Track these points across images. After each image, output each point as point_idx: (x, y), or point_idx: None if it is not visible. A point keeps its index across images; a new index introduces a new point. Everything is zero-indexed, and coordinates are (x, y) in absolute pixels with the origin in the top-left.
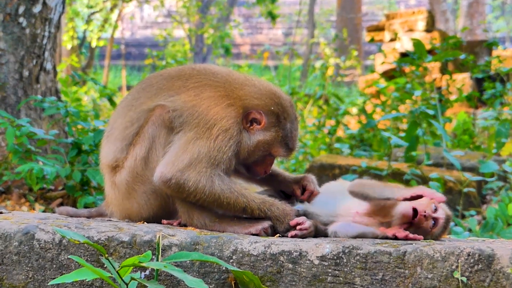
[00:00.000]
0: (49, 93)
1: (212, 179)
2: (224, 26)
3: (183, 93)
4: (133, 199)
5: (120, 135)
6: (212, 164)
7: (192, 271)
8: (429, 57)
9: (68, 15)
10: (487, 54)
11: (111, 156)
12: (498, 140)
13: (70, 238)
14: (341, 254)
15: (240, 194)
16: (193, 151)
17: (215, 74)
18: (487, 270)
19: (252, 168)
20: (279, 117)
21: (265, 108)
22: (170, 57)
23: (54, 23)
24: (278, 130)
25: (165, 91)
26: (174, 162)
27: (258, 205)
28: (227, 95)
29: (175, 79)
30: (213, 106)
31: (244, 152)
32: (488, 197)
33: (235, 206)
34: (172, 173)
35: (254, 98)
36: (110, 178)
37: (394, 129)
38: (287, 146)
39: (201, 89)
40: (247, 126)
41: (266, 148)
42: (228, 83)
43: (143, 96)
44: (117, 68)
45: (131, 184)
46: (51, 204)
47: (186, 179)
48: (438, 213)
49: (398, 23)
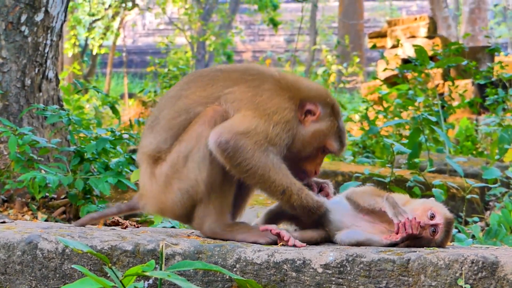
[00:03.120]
0: (51, 101)
1: (267, 153)
2: (226, 33)
3: (242, 84)
4: (168, 194)
5: (167, 125)
6: (270, 141)
7: (196, 280)
8: (431, 63)
9: (69, 22)
10: (489, 60)
11: (154, 146)
12: (501, 146)
13: (73, 248)
14: (345, 262)
15: (285, 174)
16: (251, 122)
17: (269, 70)
18: (491, 277)
19: (302, 167)
20: (333, 109)
21: (321, 99)
22: (172, 64)
23: (56, 31)
24: (334, 120)
25: (221, 81)
26: (232, 126)
27: (297, 190)
28: (287, 88)
29: (230, 71)
30: (275, 96)
31: (298, 144)
32: (491, 203)
33: (277, 186)
34: (230, 135)
35: (310, 90)
36: (149, 168)
37: (397, 135)
38: (341, 140)
39: (261, 81)
40: (302, 117)
41: (322, 139)
42: (285, 79)
43: (193, 86)
44: (119, 75)
45: (170, 178)
46: (54, 213)
47: (244, 144)
48: (436, 219)
49: (400, 30)
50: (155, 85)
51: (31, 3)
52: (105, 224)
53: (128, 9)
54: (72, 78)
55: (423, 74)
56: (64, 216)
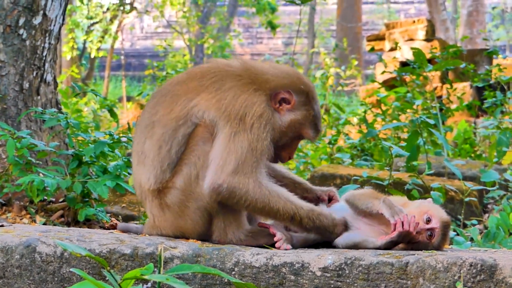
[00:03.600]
0: (49, 104)
1: (259, 180)
2: (224, 36)
3: (202, 92)
4: (186, 217)
5: (157, 156)
6: (256, 160)
7: (194, 284)
8: (429, 66)
9: (68, 26)
10: (487, 63)
11: (153, 180)
12: (499, 149)
13: (71, 251)
14: (343, 265)
15: (287, 200)
16: (236, 149)
17: (230, 65)
18: (490, 280)
19: (277, 153)
20: (308, 96)
21: (294, 87)
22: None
23: (54, 34)
24: (309, 109)
25: (182, 96)
26: (223, 166)
27: (306, 213)
28: (250, 81)
29: (188, 81)
30: (239, 94)
31: (276, 134)
32: (490, 206)
33: (284, 214)
34: (222, 178)
35: (282, 78)
36: (156, 201)
37: (395, 138)
38: (316, 127)
39: (220, 82)
40: (276, 106)
41: (298, 128)
42: (249, 70)
43: (160, 109)
44: (117, 78)
45: (185, 202)
46: (52, 216)
47: (237, 183)
48: (432, 223)
49: (398, 32)
50: (153, 88)
51: (29, 6)
52: (103, 228)
53: (126, 12)
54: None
55: (421, 77)
56: (62, 220)
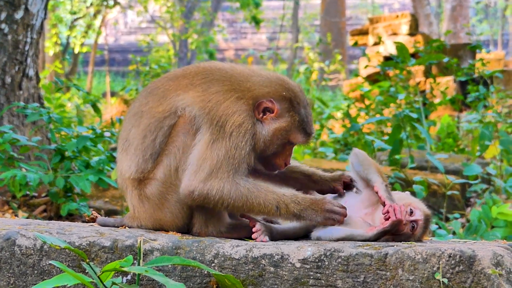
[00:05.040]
0: (31, 99)
1: (236, 181)
2: (208, 31)
3: (191, 90)
4: (166, 209)
5: (141, 145)
6: (233, 166)
7: (174, 276)
8: (412, 60)
9: (51, 21)
10: (470, 57)
11: (135, 168)
12: (482, 143)
13: (51, 244)
14: (323, 257)
15: (268, 191)
16: (212, 156)
17: (221, 69)
18: (468, 271)
19: (271, 162)
20: (292, 102)
21: (276, 94)
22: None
23: (36, 29)
24: (294, 114)
25: (172, 92)
26: (196, 172)
27: (290, 198)
28: (234, 88)
29: (180, 78)
30: (222, 101)
31: (260, 144)
32: (472, 199)
33: (266, 205)
34: (194, 185)
35: (264, 87)
36: (136, 191)
37: (378, 132)
38: (305, 131)
39: (208, 84)
40: (260, 116)
41: (284, 135)
42: (234, 77)
43: (151, 101)
44: (101, 74)
45: (165, 194)
46: (35, 211)
47: (209, 188)
48: (415, 215)
49: (382, 27)
50: (137, 83)
51: (11, 1)
52: (83, 221)
53: (110, 7)
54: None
55: (405, 71)
56: (45, 215)
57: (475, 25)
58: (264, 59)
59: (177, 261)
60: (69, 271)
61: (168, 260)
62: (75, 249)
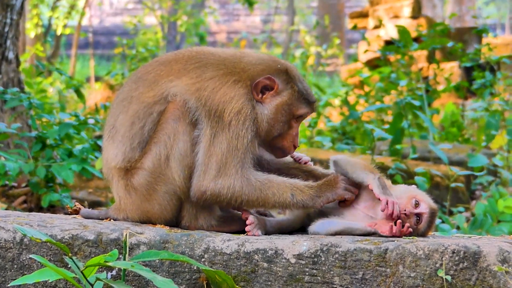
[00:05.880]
0: (11, 84)
1: (246, 176)
2: (199, 12)
3: (184, 76)
4: (154, 201)
5: (128, 132)
6: (239, 159)
7: (162, 271)
8: (415, 45)
9: (32, 1)
10: (476, 42)
11: (121, 157)
12: (488, 132)
13: (31, 237)
14: (319, 252)
15: (279, 182)
16: (216, 152)
17: (214, 53)
18: (473, 268)
19: (279, 146)
20: (288, 74)
21: (272, 70)
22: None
23: (16, 9)
24: (293, 85)
25: (164, 77)
26: (205, 172)
27: (303, 183)
28: (230, 72)
29: (173, 63)
30: (219, 86)
31: (264, 125)
32: (478, 192)
33: (281, 194)
34: (205, 185)
35: (257, 65)
36: (122, 181)
37: (379, 121)
38: (307, 100)
39: (203, 69)
40: (259, 97)
41: (287, 110)
42: (227, 60)
43: (141, 86)
44: (84, 57)
45: (153, 184)
46: (14, 202)
47: (220, 187)
48: (420, 208)
49: (383, 9)
50: (123, 67)
51: None
52: (65, 213)
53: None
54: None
55: (407, 57)
56: (25, 206)
57: (481, 8)
58: (258, 42)
59: (165, 255)
60: (50, 265)
61: (156, 254)
62: (57, 242)
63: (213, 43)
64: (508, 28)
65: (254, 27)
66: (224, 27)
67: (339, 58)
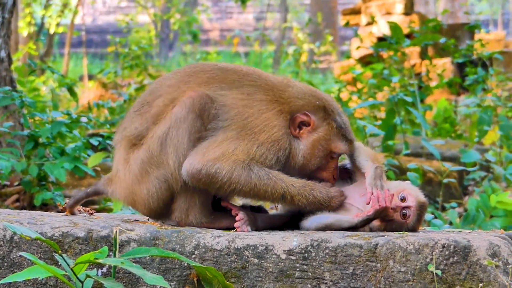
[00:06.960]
0: (3, 82)
1: (250, 168)
2: (192, 10)
3: (236, 89)
4: (143, 184)
5: (156, 113)
6: (252, 159)
7: (152, 268)
8: (407, 41)
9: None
10: (469, 38)
11: (136, 130)
12: (481, 128)
13: (21, 234)
14: (309, 247)
15: (278, 179)
16: (229, 146)
17: (265, 78)
18: (463, 262)
19: (318, 177)
20: (326, 110)
21: (310, 106)
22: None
23: (8, 7)
24: (331, 122)
25: (217, 82)
26: (205, 153)
27: (297, 190)
28: (276, 100)
29: (230, 72)
30: (265, 111)
31: (299, 159)
32: (470, 188)
33: (273, 194)
34: (202, 163)
35: (298, 99)
36: (124, 153)
37: (371, 117)
38: (345, 137)
39: (255, 89)
40: (296, 132)
41: (324, 145)
42: (276, 86)
43: (193, 81)
44: (77, 56)
45: (146, 165)
46: (6, 201)
47: (218, 167)
48: (407, 201)
49: (375, 6)
50: (116, 66)
51: None
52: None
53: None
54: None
55: (399, 53)
56: (17, 204)
57: (474, 4)
58: (251, 40)
59: (155, 252)
60: (40, 263)
61: (146, 251)
62: (47, 240)
63: (206, 40)
64: (500, 24)
65: (247, 24)
66: (217, 24)
67: (332, 55)
